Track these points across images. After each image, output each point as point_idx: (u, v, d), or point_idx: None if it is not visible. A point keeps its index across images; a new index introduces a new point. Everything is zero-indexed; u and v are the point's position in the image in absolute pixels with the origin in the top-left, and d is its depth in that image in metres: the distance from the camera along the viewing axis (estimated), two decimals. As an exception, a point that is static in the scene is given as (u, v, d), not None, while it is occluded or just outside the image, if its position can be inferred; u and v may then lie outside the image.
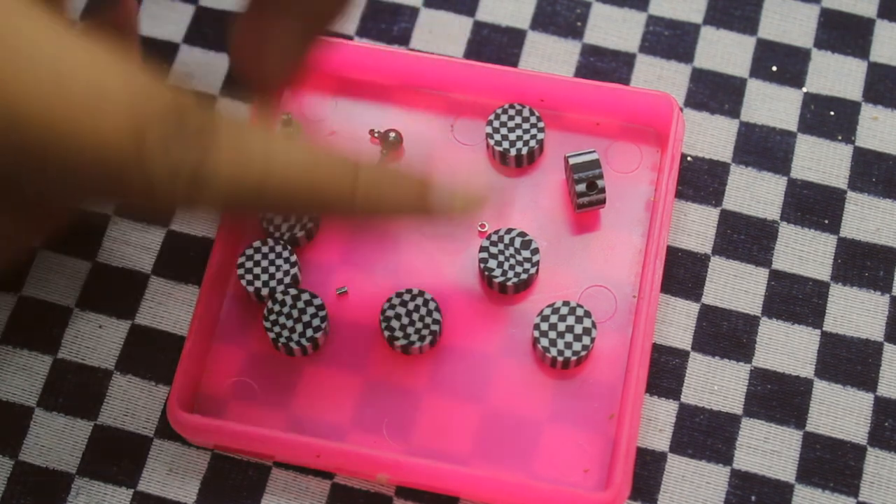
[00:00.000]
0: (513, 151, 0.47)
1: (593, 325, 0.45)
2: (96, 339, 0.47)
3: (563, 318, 0.45)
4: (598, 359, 0.45)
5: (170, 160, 0.35)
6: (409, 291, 0.45)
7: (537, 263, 0.46)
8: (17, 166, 0.35)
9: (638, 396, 0.44)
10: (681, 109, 0.48)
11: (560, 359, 0.45)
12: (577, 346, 0.45)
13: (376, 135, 0.48)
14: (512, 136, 0.48)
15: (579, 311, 0.45)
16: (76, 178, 0.35)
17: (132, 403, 0.46)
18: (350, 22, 0.51)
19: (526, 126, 0.48)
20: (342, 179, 0.38)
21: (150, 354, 0.46)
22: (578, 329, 0.45)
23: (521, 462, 0.44)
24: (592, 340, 0.45)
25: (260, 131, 0.37)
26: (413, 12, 0.51)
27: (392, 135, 0.48)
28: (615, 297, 0.46)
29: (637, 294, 0.46)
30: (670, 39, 0.51)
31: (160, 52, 0.51)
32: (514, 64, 0.50)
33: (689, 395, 0.45)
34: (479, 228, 0.47)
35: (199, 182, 0.35)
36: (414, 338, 0.45)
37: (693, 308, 0.47)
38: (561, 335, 0.45)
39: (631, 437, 0.43)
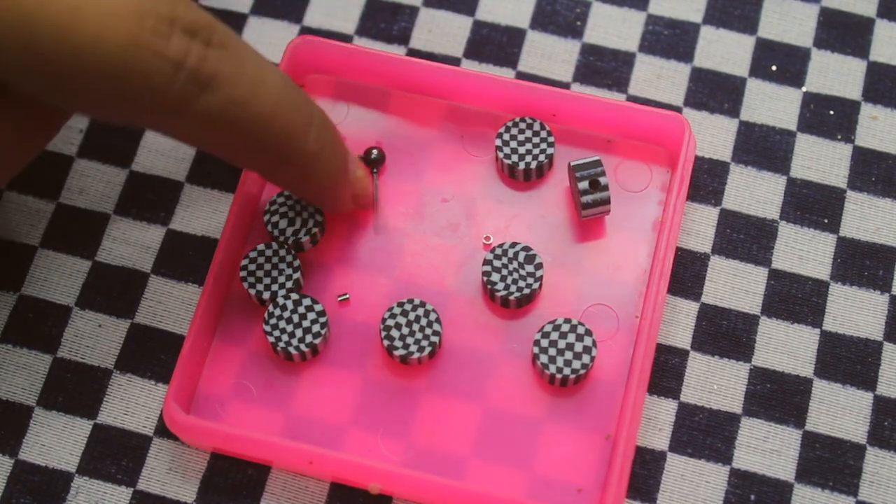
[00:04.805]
0: (521, 165, 0.47)
1: (594, 343, 0.45)
2: (96, 338, 0.47)
3: (563, 336, 0.45)
4: (598, 378, 0.45)
5: (172, 49, 0.36)
6: (410, 301, 0.45)
7: (540, 279, 0.46)
8: (23, 66, 0.35)
9: (635, 419, 0.43)
10: (691, 132, 0.48)
11: (559, 376, 0.44)
12: (576, 364, 0.44)
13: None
14: (521, 150, 0.47)
15: (580, 329, 0.45)
16: (79, 72, 0.35)
17: (132, 402, 0.46)
18: (350, 21, 0.51)
19: (536, 140, 0.48)
20: (305, 117, 0.40)
21: (150, 353, 0.46)
22: (579, 347, 0.45)
23: (515, 477, 0.44)
24: (592, 359, 0.44)
25: (249, 46, 0.39)
26: (413, 12, 0.51)
27: (374, 152, 0.48)
28: (618, 317, 0.46)
29: (640, 315, 0.46)
30: (670, 39, 0.51)
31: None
32: (514, 64, 0.50)
33: (689, 395, 0.45)
34: (484, 241, 0.47)
35: (199, 79, 0.36)
36: (413, 348, 0.45)
37: (693, 307, 0.47)
38: (561, 352, 0.45)
39: (626, 458, 0.43)
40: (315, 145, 0.41)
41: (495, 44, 0.51)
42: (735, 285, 0.47)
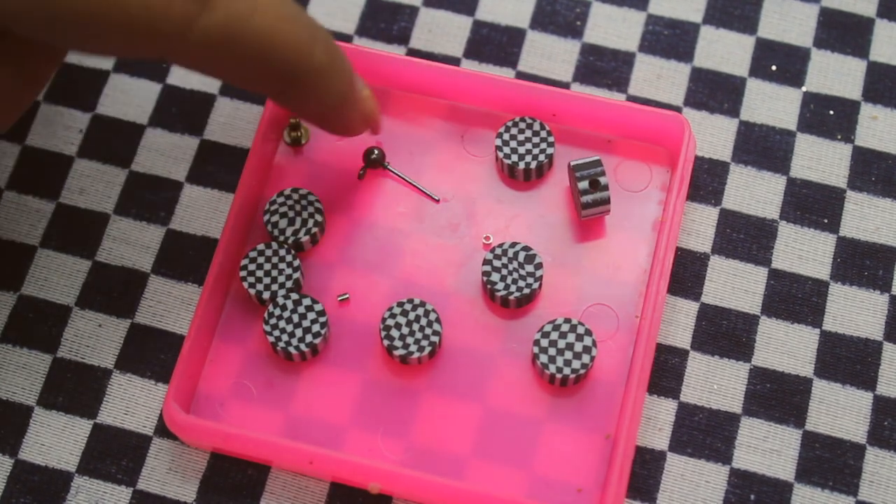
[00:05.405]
0: (521, 165, 0.47)
1: (594, 343, 0.45)
2: (96, 338, 0.47)
3: (563, 335, 0.45)
4: (598, 378, 0.45)
5: None
6: (410, 301, 0.45)
7: (540, 279, 0.46)
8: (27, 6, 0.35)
9: (635, 419, 0.43)
10: (692, 132, 0.48)
11: (559, 376, 0.44)
12: (576, 364, 0.44)
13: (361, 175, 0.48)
14: (521, 150, 0.47)
15: (580, 329, 0.45)
16: (77, 5, 0.35)
17: (131, 402, 0.46)
18: (350, 21, 0.51)
19: (536, 140, 0.48)
20: (309, 32, 0.40)
21: (150, 353, 0.46)
22: (578, 347, 0.45)
23: (515, 477, 0.44)
24: (592, 359, 0.44)
25: None
26: (413, 11, 0.51)
27: (374, 152, 0.48)
28: (617, 317, 0.46)
29: (640, 315, 0.46)
30: (670, 39, 0.51)
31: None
32: (514, 64, 0.50)
33: (689, 394, 0.45)
34: (484, 241, 0.47)
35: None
36: (413, 348, 0.45)
37: (693, 307, 0.47)
38: (560, 352, 0.44)
39: (626, 458, 0.43)
40: (322, 59, 0.41)
41: (495, 44, 0.51)
42: (735, 285, 0.47)
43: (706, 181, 0.48)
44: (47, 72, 0.41)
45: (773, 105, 0.50)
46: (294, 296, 0.45)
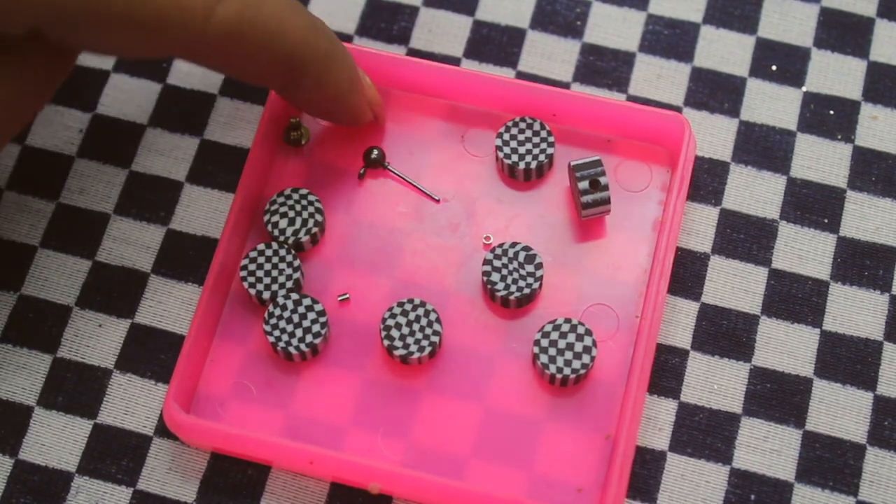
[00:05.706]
0: (521, 165, 0.47)
1: (594, 343, 0.45)
2: (96, 338, 0.47)
3: (563, 335, 0.45)
4: (598, 378, 0.45)
5: None
6: (410, 301, 0.45)
7: (540, 279, 0.46)
8: (61, 6, 0.37)
9: (635, 419, 0.43)
10: (692, 132, 0.48)
11: (559, 376, 0.44)
12: (576, 364, 0.44)
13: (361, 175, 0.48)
14: (521, 150, 0.47)
15: (580, 329, 0.45)
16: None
17: (132, 402, 0.46)
18: (350, 21, 0.51)
19: (536, 140, 0.48)
20: (310, 20, 0.42)
21: (150, 353, 0.46)
22: (579, 347, 0.45)
23: (515, 477, 0.44)
24: (592, 359, 0.44)
25: None
26: (413, 11, 0.51)
27: (374, 151, 0.48)
28: (618, 317, 0.46)
29: (640, 315, 0.46)
30: (670, 39, 0.51)
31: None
32: (514, 64, 0.50)
33: (689, 394, 0.45)
34: (484, 241, 0.47)
35: None
36: (413, 348, 0.45)
37: (693, 307, 0.47)
38: (561, 352, 0.44)
39: (626, 457, 0.43)
40: (327, 46, 0.42)
41: (495, 44, 0.51)
42: (735, 285, 0.47)
43: (706, 181, 0.48)
44: (49, 89, 0.41)
45: (773, 105, 0.50)
46: (294, 296, 0.45)
